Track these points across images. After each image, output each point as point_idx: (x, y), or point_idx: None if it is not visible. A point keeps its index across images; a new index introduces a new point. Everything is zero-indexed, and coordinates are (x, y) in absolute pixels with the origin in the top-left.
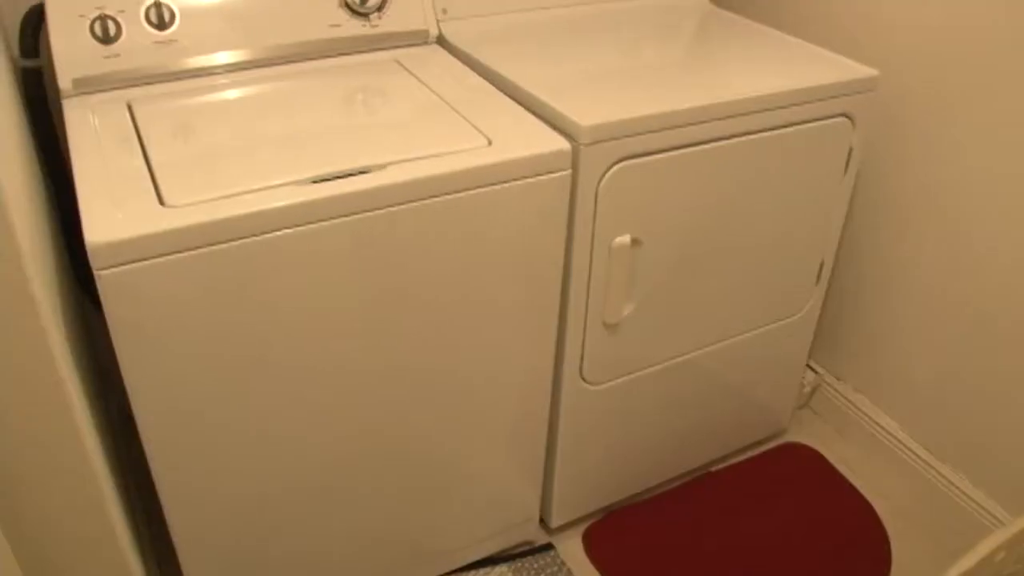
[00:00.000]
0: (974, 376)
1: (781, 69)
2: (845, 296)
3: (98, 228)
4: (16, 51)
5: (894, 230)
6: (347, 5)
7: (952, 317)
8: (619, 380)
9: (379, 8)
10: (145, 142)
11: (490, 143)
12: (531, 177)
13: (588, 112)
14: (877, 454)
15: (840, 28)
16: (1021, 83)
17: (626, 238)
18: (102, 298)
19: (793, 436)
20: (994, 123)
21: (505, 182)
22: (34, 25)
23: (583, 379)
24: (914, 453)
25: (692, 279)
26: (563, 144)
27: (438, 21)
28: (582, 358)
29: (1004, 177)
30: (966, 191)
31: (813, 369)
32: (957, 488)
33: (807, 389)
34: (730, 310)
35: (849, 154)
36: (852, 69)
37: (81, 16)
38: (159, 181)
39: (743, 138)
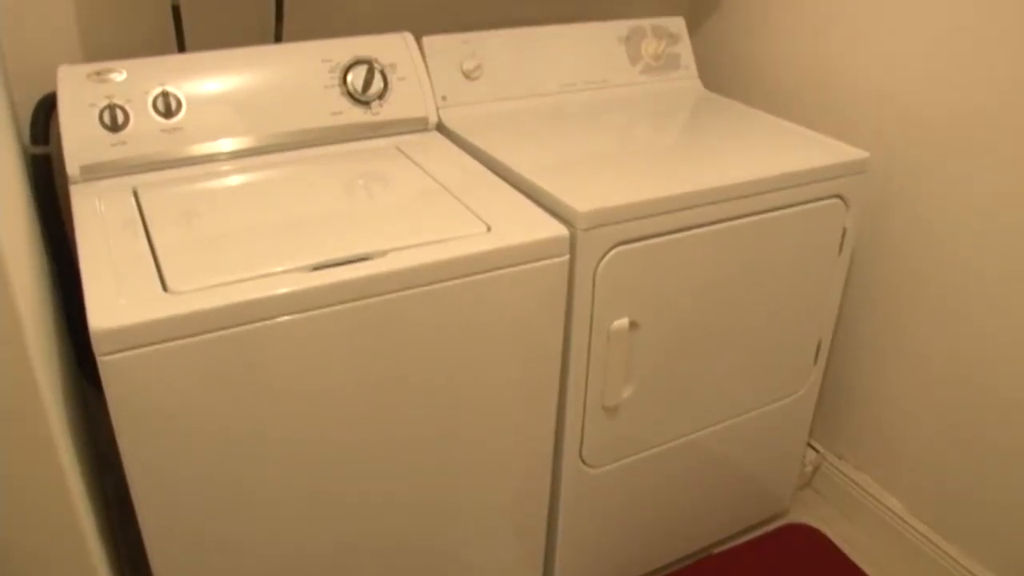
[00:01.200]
0: (977, 453)
1: (774, 152)
2: (844, 375)
3: (102, 314)
4: (26, 138)
5: (890, 308)
6: (349, 94)
7: (952, 394)
8: (619, 463)
9: (380, 96)
10: (150, 227)
11: (489, 229)
12: (530, 263)
13: (585, 198)
14: (882, 533)
15: (832, 110)
16: (1010, 163)
17: (624, 321)
18: (104, 383)
19: (796, 516)
20: (985, 201)
21: (504, 268)
22: (46, 113)
23: (583, 462)
24: (919, 533)
25: (691, 361)
26: (561, 230)
27: (438, 108)
28: (582, 441)
29: (997, 253)
30: (960, 268)
31: (814, 448)
32: (965, 569)
33: (808, 469)
34: (729, 391)
35: (843, 235)
36: (844, 151)
37: (91, 105)
38: (163, 267)
39: (738, 221)
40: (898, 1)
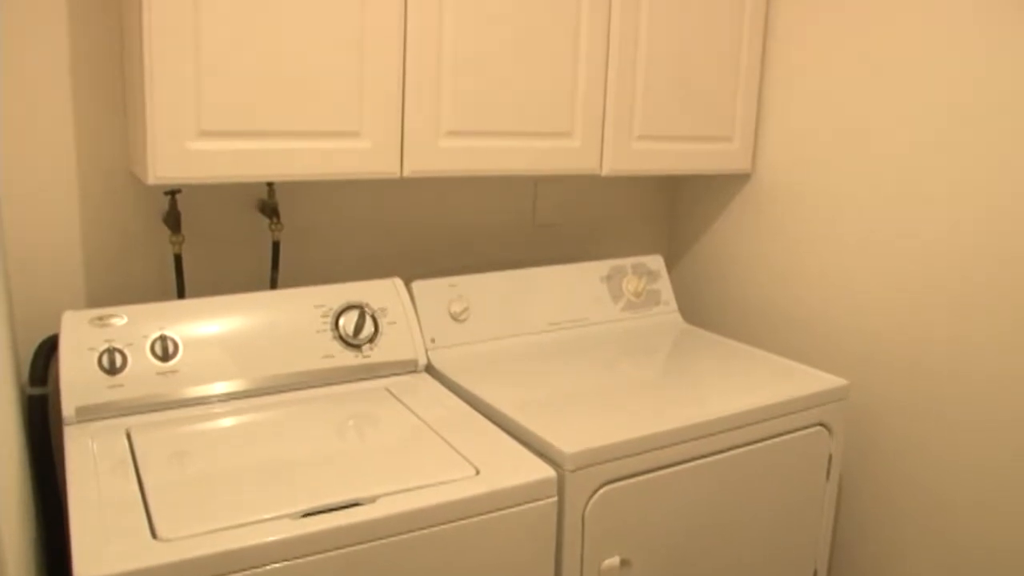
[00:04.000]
0: None
1: (755, 384)
2: None
3: (89, 562)
4: (25, 378)
5: (883, 530)
6: (341, 338)
7: None
8: None
9: (371, 340)
10: (141, 471)
11: (478, 472)
12: (518, 505)
13: (572, 438)
14: None
15: (810, 338)
16: (984, 378)
17: (615, 560)
18: None
19: None
20: (967, 418)
21: (493, 512)
22: (46, 355)
23: None
24: None
25: None
26: (548, 472)
27: (427, 350)
28: None
29: (979, 467)
30: (948, 483)
31: None
32: None
33: None
34: None
35: (829, 461)
36: (824, 380)
37: (91, 349)
38: (152, 512)
39: (725, 454)
40: (859, 239)
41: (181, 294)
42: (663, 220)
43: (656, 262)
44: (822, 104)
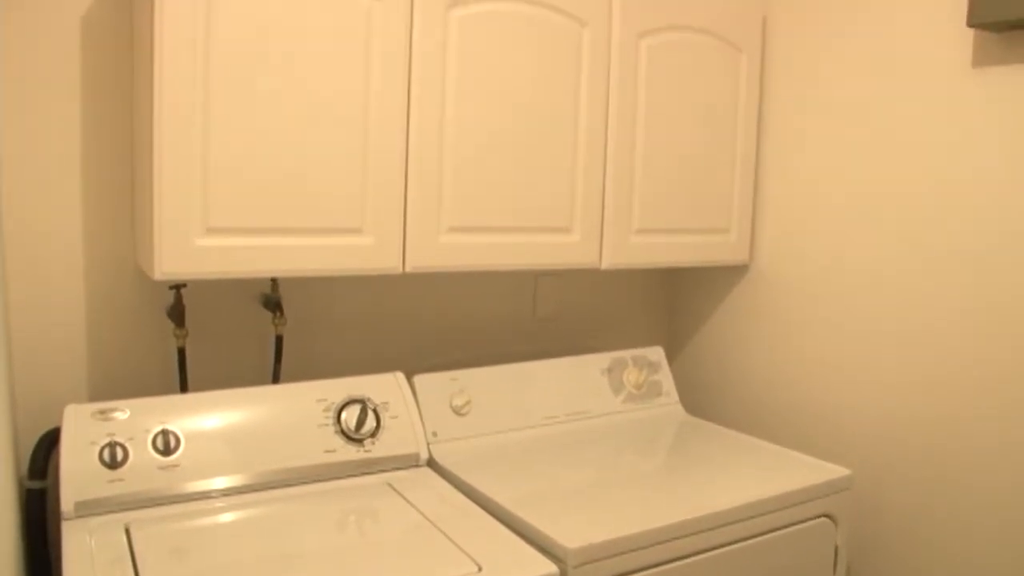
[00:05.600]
0: None
1: (759, 476)
2: None
3: None
4: (24, 471)
5: None
6: (343, 432)
7: None
8: None
9: (373, 434)
10: (140, 568)
11: (480, 569)
12: None
13: (574, 533)
14: None
15: (812, 427)
16: (989, 470)
17: None
18: None
19: None
20: (975, 503)
21: None
22: (46, 449)
23: None
24: None
25: None
26: (551, 568)
27: (428, 444)
28: None
29: (990, 555)
30: (958, 573)
31: None
32: None
33: None
34: None
35: (836, 553)
36: (827, 470)
37: (92, 443)
38: None
39: (730, 547)
40: (858, 327)
41: (184, 387)
42: (663, 311)
43: (656, 353)
44: (817, 195)
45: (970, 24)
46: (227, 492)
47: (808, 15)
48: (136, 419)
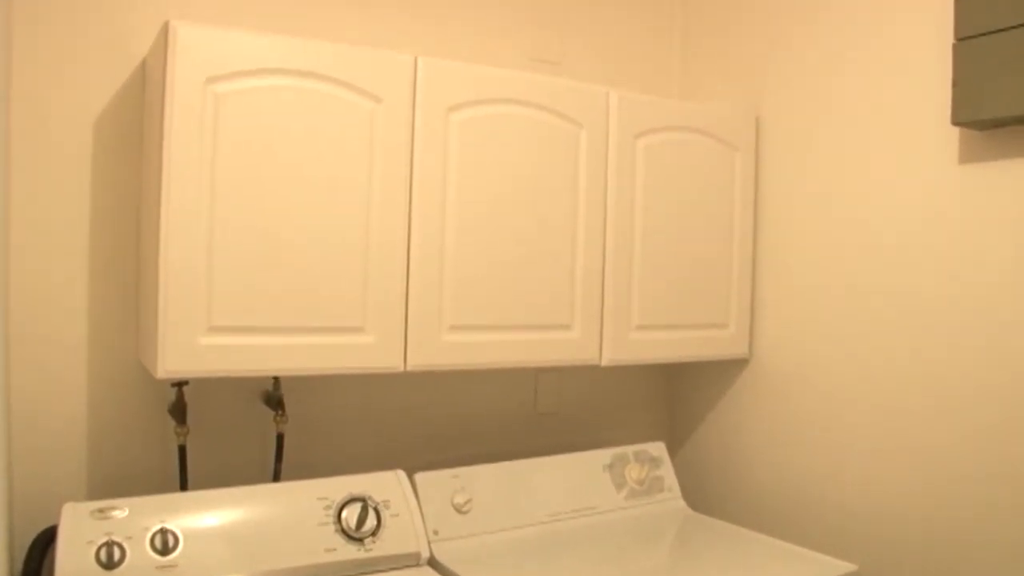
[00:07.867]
0: None
1: (763, 573)
2: None
3: None
4: (18, 573)
5: None
6: (343, 531)
7: None
8: None
9: (373, 533)
10: None
11: None
12: None
13: None
14: None
15: (816, 520)
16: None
17: None
18: None
19: None
20: None
21: None
22: (42, 547)
23: None
24: None
25: None
26: None
27: (430, 542)
28: None
29: None
30: None
31: None
32: None
33: None
34: None
35: None
36: (833, 566)
37: (89, 543)
38: None
39: None
40: (861, 418)
41: (184, 485)
42: (664, 406)
43: (658, 448)
44: (815, 288)
45: (954, 123)
46: None
47: (798, 114)
48: (135, 518)
